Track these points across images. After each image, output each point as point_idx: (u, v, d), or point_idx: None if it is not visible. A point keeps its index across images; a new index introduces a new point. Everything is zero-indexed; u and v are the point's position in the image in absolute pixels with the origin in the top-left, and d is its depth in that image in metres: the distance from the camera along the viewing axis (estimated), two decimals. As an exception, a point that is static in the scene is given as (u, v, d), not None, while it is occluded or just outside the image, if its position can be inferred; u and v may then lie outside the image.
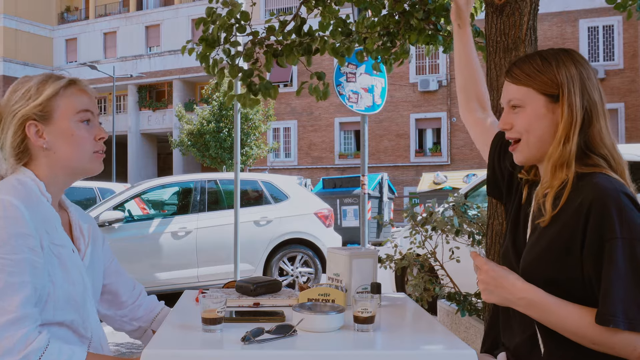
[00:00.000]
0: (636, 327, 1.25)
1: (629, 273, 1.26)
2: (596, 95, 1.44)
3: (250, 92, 3.93)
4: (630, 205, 1.31)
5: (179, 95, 32.04)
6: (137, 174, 32.10)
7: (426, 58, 25.49)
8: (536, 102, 1.44)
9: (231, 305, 1.67)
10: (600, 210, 1.30)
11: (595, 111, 1.42)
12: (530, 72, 1.46)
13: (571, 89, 1.41)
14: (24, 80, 1.52)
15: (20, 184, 1.43)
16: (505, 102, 1.50)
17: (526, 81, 1.45)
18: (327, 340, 1.37)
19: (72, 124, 1.49)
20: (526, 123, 1.46)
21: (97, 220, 6.65)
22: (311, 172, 27.66)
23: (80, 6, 37.21)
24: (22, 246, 1.33)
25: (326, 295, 1.61)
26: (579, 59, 1.46)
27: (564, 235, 1.36)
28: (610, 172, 1.39)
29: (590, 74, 1.45)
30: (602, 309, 1.28)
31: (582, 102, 1.41)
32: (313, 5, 4.05)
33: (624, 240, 1.27)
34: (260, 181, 7.94)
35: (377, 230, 14.52)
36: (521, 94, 1.46)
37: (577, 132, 1.40)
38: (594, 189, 1.34)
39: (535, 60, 1.47)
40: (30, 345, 1.28)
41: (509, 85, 1.49)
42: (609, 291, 1.27)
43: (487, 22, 3.14)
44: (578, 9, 24.27)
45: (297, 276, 7.53)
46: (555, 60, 1.45)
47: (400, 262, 4.25)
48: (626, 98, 23.59)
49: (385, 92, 6.86)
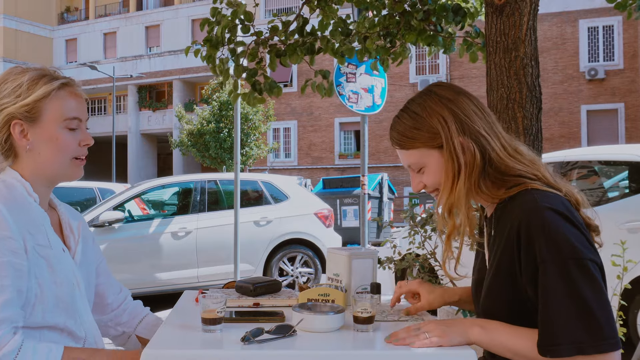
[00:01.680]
0: (583, 350, 1.21)
1: (565, 294, 1.22)
2: (477, 122, 1.40)
3: (255, 91, 3.95)
4: (557, 221, 1.27)
5: (179, 96, 32.05)
6: (137, 174, 32.10)
7: (426, 58, 25.54)
8: (432, 158, 1.42)
9: (231, 306, 1.67)
10: (526, 233, 1.28)
11: (483, 139, 1.39)
12: (409, 134, 1.43)
13: (447, 135, 1.38)
14: (16, 72, 1.46)
15: (5, 186, 1.41)
16: (406, 166, 1.49)
17: (410, 144, 1.43)
18: (327, 340, 1.37)
19: (58, 130, 1.46)
20: (434, 179, 1.44)
21: (97, 221, 6.65)
22: (311, 172, 27.65)
23: (80, 6, 37.23)
24: (3, 249, 1.31)
25: (326, 296, 1.61)
26: (446, 95, 1.43)
27: (506, 261, 1.35)
28: (536, 184, 1.35)
29: (463, 104, 1.41)
30: (541, 339, 1.25)
31: (466, 139, 1.38)
32: (315, 5, 4.06)
33: (553, 263, 1.24)
34: (260, 181, 7.95)
35: (377, 230, 14.52)
36: (415, 157, 1.44)
37: (467, 174, 1.38)
38: (519, 211, 1.32)
39: (406, 119, 1.44)
40: (3, 348, 1.26)
41: (400, 152, 1.47)
42: (546, 318, 1.24)
43: (487, 22, 3.14)
44: (578, 9, 24.26)
45: (297, 276, 7.53)
46: (423, 110, 1.42)
47: (400, 263, 4.25)
48: (626, 98, 23.59)
49: (385, 93, 6.85)
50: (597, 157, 5.29)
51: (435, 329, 1.32)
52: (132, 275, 6.76)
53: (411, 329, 1.34)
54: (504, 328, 1.33)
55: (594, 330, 1.21)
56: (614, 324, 1.23)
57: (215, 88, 23.20)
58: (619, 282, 3.02)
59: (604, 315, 1.22)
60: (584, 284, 1.23)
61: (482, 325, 1.35)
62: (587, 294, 1.22)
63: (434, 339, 1.30)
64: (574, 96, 24.27)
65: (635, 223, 4.40)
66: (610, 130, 23.63)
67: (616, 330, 1.24)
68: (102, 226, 6.65)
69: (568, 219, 1.28)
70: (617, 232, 4.22)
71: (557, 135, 23.93)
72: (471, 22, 4.25)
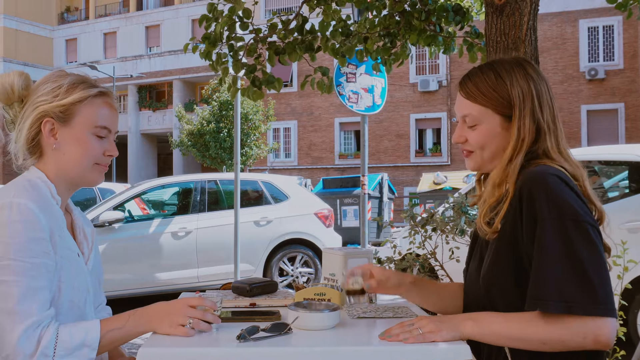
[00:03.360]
0: (571, 309, 1.20)
1: (561, 253, 1.22)
2: (547, 112, 1.42)
3: (255, 86, 3.95)
4: (559, 185, 1.28)
5: (179, 96, 32.06)
6: (137, 174, 32.11)
7: (426, 58, 25.55)
8: (491, 121, 1.44)
9: (227, 306, 1.68)
10: (528, 194, 1.29)
11: (543, 130, 1.41)
12: (485, 90, 1.43)
13: (521, 111, 1.40)
14: (59, 75, 1.51)
15: (31, 185, 1.42)
16: (460, 116, 1.49)
17: (481, 100, 1.44)
18: (322, 337, 1.37)
19: (87, 135, 1.49)
20: (481, 140, 1.45)
21: (97, 220, 6.66)
22: (311, 172, 27.66)
23: (80, 6, 37.24)
24: (39, 250, 1.33)
25: (322, 295, 1.61)
26: (532, 73, 1.44)
27: (509, 227, 1.34)
28: (551, 163, 1.36)
29: (542, 88, 1.43)
30: (531, 293, 1.25)
31: (532, 123, 1.40)
32: (315, 4, 4.06)
33: (552, 220, 1.24)
34: (260, 181, 7.95)
35: (377, 230, 14.52)
36: (476, 111, 1.45)
37: (522, 152, 1.39)
38: (524, 176, 1.33)
39: (489, 76, 1.44)
40: (42, 340, 1.28)
41: (463, 100, 1.47)
42: (539, 273, 1.24)
43: (487, 22, 3.14)
44: (578, 9, 24.25)
45: (297, 276, 7.53)
46: (509, 77, 1.43)
47: (401, 263, 4.24)
48: (626, 98, 23.58)
49: (385, 93, 6.85)
50: (597, 157, 5.29)
51: (428, 324, 1.33)
52: (132, 275, 6.76)
53: (405, 325, 1.34)
54: (496, 317, 1.33)
55: (587, 292, 1.20)
56: (609, 291, 1.22)
57: (215, 88, 23.19)
58: (619, 282, 3.02)
59: (599, 280, 1.21)
60: (582, 245, 1.23)
61: (474, 318, 1.35)
62: (583, 255, 1.22)
63: (428, 335, 1.31)
64: (574, 96, 24.27)
65: (635, 223, 4.40)
66: (610, 130, 23.63)
67: (611, 297, 1.22)
68: (102, 226, 6.65)
69: (570, 187, 1.30)
70: (617, 232, 4.21)
71: (558, 135, 23.90)
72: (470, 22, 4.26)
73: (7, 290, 1.29)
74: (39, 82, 1.51)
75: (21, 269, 1.30)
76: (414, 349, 1.29)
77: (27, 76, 1.50)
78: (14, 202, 1.34)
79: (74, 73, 1.53)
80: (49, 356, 1.27)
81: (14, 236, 1.31)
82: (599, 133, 23.62)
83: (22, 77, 1.48)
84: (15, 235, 1.31)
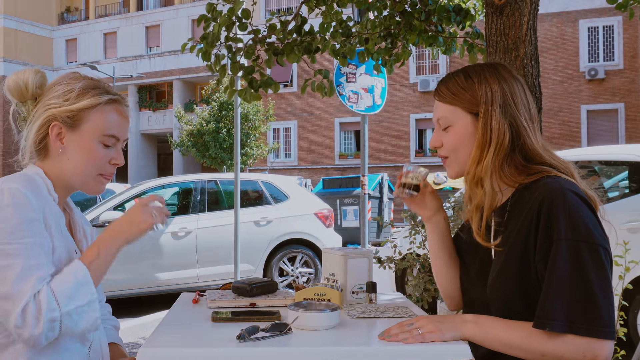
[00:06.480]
0: (577, 330, 1.22)
1: (572, 275, 1.24)
2: (523, 110, 1.42)
3: (252, 88, 3.94)
4: (578, 204, 1.29)
5: (179, 96, 32.06)
6: (137, 174, 32.11)
7: (426, 58, 25.54)
8: (463, 121, 1.44)
9: (228, 306, 1.67)
10: (547, 211, 1.29)
11: (522, 127, 1.41)
12: (455, 90, 1.45)
13: (489, 108, 1.40)
14: (72, 77, 1.49)
15: (27, 178, 1.40)
16: (435, 120, 1.51)
17: (452, 100, 1.45)
18: (322, 337, 1.37)
19: (94, 142, 1.47)
20: (454, 141, 1.46)
21: (97, 221, 6.67)
22: (311, 172, 27.66)
23: (80, 6, 37.24)
24: (33, 231, 1.31)
25: (322, 295, 1.61)
26: (503, 74, 1.45)
27: (521, 240, 1.34)
28: (559, 173, 1.37)
29: (515, 89, 1.43)
30: (539, 312, 1.26)
31: (503, 120, 1.40)
32: (314, 5, 4.06)
33: (568, 242, 1.25)
34: (261, 181, 7.95)
35: (378, 230, 14.52)
36: (448, 112, 1.46)
37: (495, 152, 1.40)
38: (542, 190, 1.32)
39: (459, 77, 1.47)
40: (42, 303, 1.25)
41: (437, 104, 1.50)
42: (549, 294, 1.25)
43: (487, 22, 3.14)
44: (578, 9, 24.26)
45: (297, 276, 7.53)
46: (477, 77, 1.44)
47: (401, 262, 4.24)
48: (626, 98, 23.59)
49: (386, 93, 6.85)
50: (597, 157, 5.29)
51: (428, 324, 1.33)
52: (132, 275, 6.76)
53: (404, 325, 1.34)
54: (497, 322, 1.34)
55: (593, 315, 1.22)
56: (613, 316, 1.24)
57: (215, 88, 23.15)
58: (619, 282, 3.02)
59: (605, 304, 1.23)
60: (593, 268, 1.24)
61: (475, 320, 1.35)
62: (592, 279, 1.23)
63: (427, 335, 1.31)
64: (574, 96, 24.28)
65: (635, 223, 4.39)
66: (610, 130, 23.64)
67: (614, 320, 1.25)
68: (102, 226, 6.65)
69: (588, 204, 1.31)
70: (618, 232, 4.21)
71: (557, 135, 23.93)
72: (471, 23, 4.25)
73: (3, 275, 1.26)
74: (52, 83, 1.49)
75: (15, 251, 1.27)
76: (414, 349, 1.28)
77: (43, 75, 1.48)
78: (5, 188, 1.33)
79: (88, 76, 1.50)
80: (55, 309, 1.25)
81: (5, 220, 1.29)
82: (598, 133, 23.63)
83: (38, 75, 1.46)
84: (7, 219, 1.29)
